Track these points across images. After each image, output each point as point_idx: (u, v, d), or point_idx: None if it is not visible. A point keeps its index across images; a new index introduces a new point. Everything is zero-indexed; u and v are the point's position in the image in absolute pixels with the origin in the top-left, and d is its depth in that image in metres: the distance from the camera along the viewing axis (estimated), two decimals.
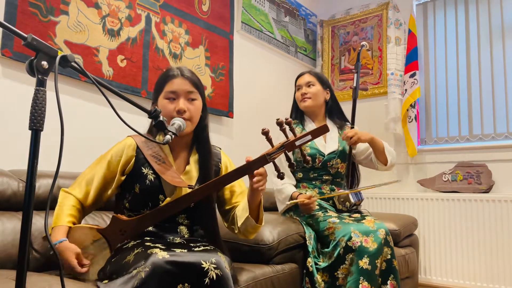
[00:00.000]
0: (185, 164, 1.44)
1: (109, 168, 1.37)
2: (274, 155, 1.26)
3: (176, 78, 1.40)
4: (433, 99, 3.30)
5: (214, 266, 1.08)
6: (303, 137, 1.24)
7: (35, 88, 0.83)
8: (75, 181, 1.39)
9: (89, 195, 1.35)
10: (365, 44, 2.31)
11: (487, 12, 3.11)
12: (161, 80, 1.43)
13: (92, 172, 1.37)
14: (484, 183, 2.91)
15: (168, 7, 2.47)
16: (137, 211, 1.36)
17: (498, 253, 2.74)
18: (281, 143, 1.26)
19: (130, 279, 1.05)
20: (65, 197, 1.34)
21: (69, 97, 1.98)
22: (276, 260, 1.73)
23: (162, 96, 1.40)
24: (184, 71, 1.42)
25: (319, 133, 1.25)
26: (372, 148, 2.12)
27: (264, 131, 1.24)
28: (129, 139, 1.43)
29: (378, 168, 2.18)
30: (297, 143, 1.24)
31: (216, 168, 1.49)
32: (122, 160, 1.37)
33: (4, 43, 1.73)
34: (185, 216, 1.39)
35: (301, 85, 2.19)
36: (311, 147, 2.11)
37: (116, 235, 1.29)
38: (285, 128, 1.25)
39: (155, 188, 1.35)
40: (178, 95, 1.39)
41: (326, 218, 1.90)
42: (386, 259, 1.80)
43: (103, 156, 1.40)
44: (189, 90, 1.40)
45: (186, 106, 1.37)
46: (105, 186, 1.37)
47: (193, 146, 1.48)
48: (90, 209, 1.40)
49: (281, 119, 1.25)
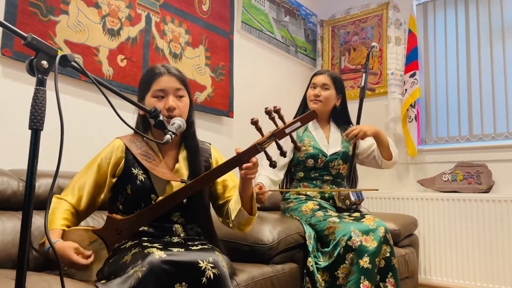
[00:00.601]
0: (174, 162, 1.44)
1: (99, 171, 1.37)
2: (265, 144, 1.24)
3: (163, 76, 1.38)
4: (433, 99, 3.30)
5: (212, 265, 1.07)
6: (292, 124, 1.23)
7: (35, 88, 0.83)
8: (67, 187, 1.38)
9: (82, 200, 1.35)
10: (376, 45, 2.31)
11: (487, 12, 3.11)
12: (147, 79, 1.41)
13: (84, 177, 1.37)
14: (484, 183, 2.91)
15: (168, 7, 2.47)
16: (130, 212, 1.35)
17: (498, 253, 2.74)
18: (271, 131, 1.25)
19: (127, 279, 1.05)
20: (58, 203, 1.34)
21: (69, 97, 1.98)
22: (276, 260, 1.73)
23: (149, 95, 1.39)
24: (170, 68, 1.41)
25: (308, 119, 1.24)
26: (377, 142, 2.11)
27: (253, 121, 1.23)
28: (117, 141, 1.42)
29: (382, 164, 2.17)
30: (287, 131, 1.23)
31: (206, 164, 1.48)
32: (112, 162, 1.37)
33: (4, 42, 1.73)
34: (179, 214, 1.38)
35: (316, 84, 2.17)
36: (314, 147, 2.10)
37: (112, 235, 1.28)
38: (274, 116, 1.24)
39: (147, 188, 1.35)
40: (166, 93, 1.37)
41: (326, 218, 1.90)
42: (385, 257, 1.80)
43: (93, 160, 1.39)
44: (177, 87, 1.39)
45: (175, 103, 1.37)
46: (97, 190, 1.37)
47: (181, 143, 1.48)
48: (84, 214, 1.39)
49: (269, 108, 1.23)
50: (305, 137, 2.14)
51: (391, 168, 2.26)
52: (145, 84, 1.41)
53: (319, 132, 2.17)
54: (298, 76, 3.68)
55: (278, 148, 1.27)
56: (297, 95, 3.61)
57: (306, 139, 2.14)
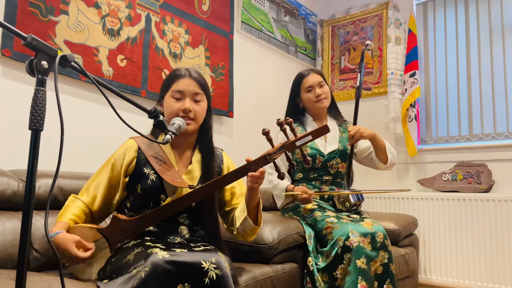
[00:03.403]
0: (188, 164, 1.45)
1: (113, 171, 1.39)
2: (275, 155, 1.26)
3: (184, 78, 1.42)
4: (433, 98, 3.30)
5: (214, 266, 1.08)
6: (303, 137, 1.25)
7: (35, 88, 0.83)
8: (83, 187, 1.41)
9: (96, 199, 1.37)
10: (370, 43, 2.29)
11: (487, 12, 3.11)
12: (169, 79, 1.45)
13: (98, 178, 1.40)
14: (484, 182, 2.91)
15: (168, 7, 2.47)
16: (138, 211, 1.37)
17: (498, 253, 2.74)
18: (281, 143, 1.27)
19: (130, 279, 1.05)
20: (72, 201, 1.37)
21: (69, 97, 1.98)
22: (276, 260, 1.73)
23: (168, 95, 1.42)
24: (192, 72, 1.45)
25: (320, 133, 1.26)
26: (373, 145, 2.12)
27: (264, 131, 1.25)
28: (130, 141, 1.45)
29: (378, 166, 2.18)
30: (298, 144, 1.25)
31: (218, 169, 1.49)
32: (125, 162, 1.39)
33: (4, 43, 1.73)
34: (186, 216, 1.39)
35: (313, 85, 2.14)
36: (311, 147, 2.10)
37: (116, 234, 1.29)
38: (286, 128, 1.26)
39: (157, 188, 1.36)
40: (184, 95, 1.40)
41: (324, 218, 1.90)
42: (383, 263, 1.79)
43: (108, 161, 1.42)
44: (196, 91, 1.42)
45: (191, 106, 1.39)
46: (112, 190, 1.39)
47: (196, 146, 1.50)
48: (99, 215, 1.41)
49: (281, 120, 1.26)
50: None
51: (389, 170, 2.26)
52: (166, 84, 1.45)
53: None
54: None
55: (287, 160, 1.29)
56: None
57: None
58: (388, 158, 2.10)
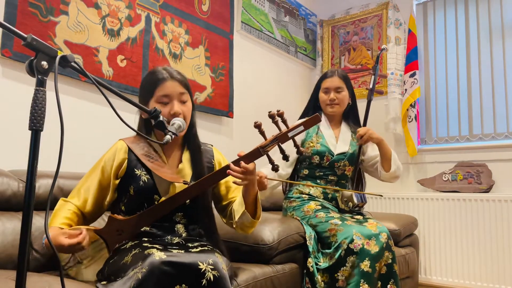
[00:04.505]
0: (178, 163, 1.44)
1: (103, 174, 1.37)
2: (268, 148, 1.25)
3: (167, 81, 1.38)
4: (433, 99, 3.30)
5: (211, 267, 1.08)
6: (295, 128, 1.24)
7: (35, 88, 0.83)
8: (73, 190, 1.39)
9: (87, 202, 1.35)
10: (386, 47, 2.27)
11: (487, 12, 3.11)
12: (151, 83, 1.40)
13: (89, 180, 1.38)
14: (484, 182, 2.91)
15: (168, 7, 2.47)
16: (132, 213, 1.35)
17: (498, 253, 2.74)
18: (274, 135, 1.25)
19: (128, 280, 1.05)
20: (63, 205, 1.34)
21: (69, 97, 1.98)
22: (276, 260, 1.73)
23: (154, 100, 1.38)
24: (172, 72, 1.40)
25: (311, 123, 1.24)
26: (380, 151, 2.11)
27: (256, 124, 1.23)
28: (119, 143, 1.42)
29: (381, 176, 2.16)
30: (290, 134, 1.24)
31: (209, 165, 1.48)
32: (115, 164, 1.37)
33: (4, 43, 1.73)
34: (182, 215, 1.38)
35: (329, 88, 2.13)
36: (321, 144, 2.10)
37: (113, 235, 1.28)
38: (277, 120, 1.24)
39: (150, 188, 1.35)
40: (171, 98, 1.37)
41: (328, 219, 1.90)
42: (387, 263, 1.80)
43: (97, 163, 1.40)
44: (181, 92, 1.39)
45: (180, 108, 1.37)
46: (102, 192, 1.37)
47: (184, 145, 1.48)
48: (91, 217, 1.39)
49: (273, 112, 1.22)
50: (313, 134, 2.14)
51: (391, 182, 2.21)
52: (148, 89, 1.40)
53: (330, 131, 2.16)
54: (298, 76, 3.68)
55: (281, 152, 1.27)
56: (297, 95, 3.62)
57: (315, 136, 2.13)
58: (392, 168, 2.09)
